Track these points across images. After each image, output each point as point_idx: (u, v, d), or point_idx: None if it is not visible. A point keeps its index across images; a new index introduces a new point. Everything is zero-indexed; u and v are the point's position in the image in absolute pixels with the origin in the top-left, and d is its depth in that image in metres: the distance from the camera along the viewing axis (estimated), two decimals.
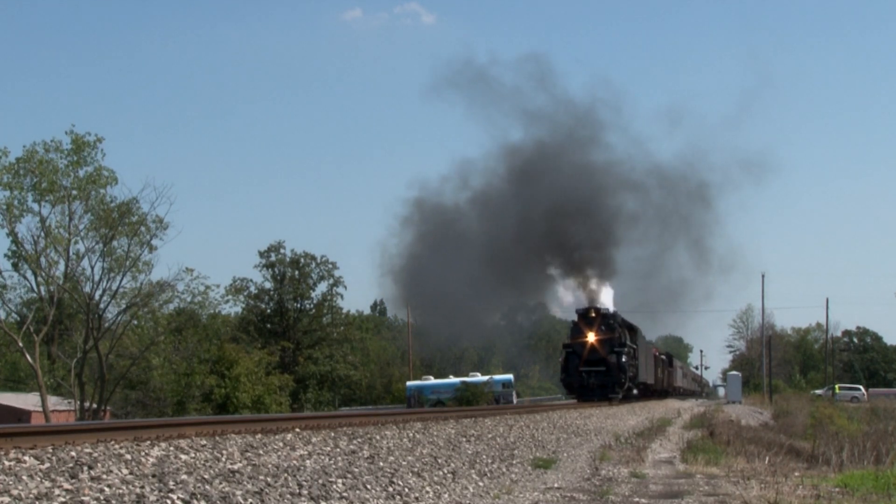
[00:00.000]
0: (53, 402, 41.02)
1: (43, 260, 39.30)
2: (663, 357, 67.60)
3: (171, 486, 7.66)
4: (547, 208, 47.41)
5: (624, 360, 41.13)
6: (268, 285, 67.59)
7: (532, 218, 48.24)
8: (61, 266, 40.26)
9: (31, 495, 6.76)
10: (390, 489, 9.97)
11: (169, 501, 7.29)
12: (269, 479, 8.72)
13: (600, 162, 51.78)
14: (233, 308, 59.89)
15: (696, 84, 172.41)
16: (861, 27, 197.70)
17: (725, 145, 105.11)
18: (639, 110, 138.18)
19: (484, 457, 14.01)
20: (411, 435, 14.09)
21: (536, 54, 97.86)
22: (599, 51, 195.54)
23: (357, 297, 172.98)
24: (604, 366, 40.63)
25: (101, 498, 6.98)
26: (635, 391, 46.03)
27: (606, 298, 45.90)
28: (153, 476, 7.91)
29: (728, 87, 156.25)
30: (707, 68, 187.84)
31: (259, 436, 11.31)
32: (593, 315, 41.61)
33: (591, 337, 40.94)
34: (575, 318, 42.64)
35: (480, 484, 12.02)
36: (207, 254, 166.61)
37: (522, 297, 60.00)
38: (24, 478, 7.15)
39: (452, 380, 60.23)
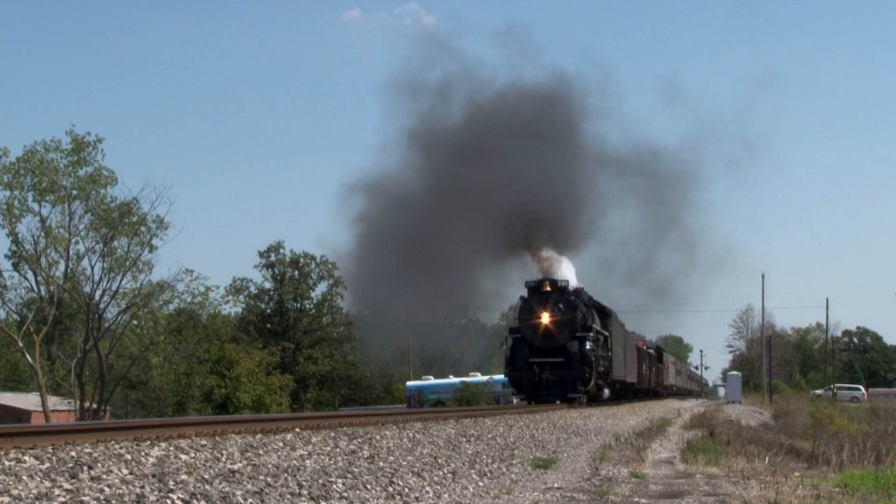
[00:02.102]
0: (53, 402, 41.05)
1: (43, 260, 39.36)
2: (651, 351, 59.85)
3: (171, 486, 7.66)
4: (493, 169, 37.21)
5: (589, 347, 31.93)
6: (268, 285, 67.65)
7: (476, 184, 37.53)
8: (61, 266, 40.36)
9: (31, 495, 6.76)
10: (390, 489, 9.97)
11: (169, 501, 7.29)
12: (269, 479, 8.72)
13: (571, 125, 41.68)
14: (233, 308, 59.92)
15: (695, 72, 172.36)
16: (865, 27, 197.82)
17: (722, 129, 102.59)
18: (627, 88, 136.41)
19: (484, 457, 14.02)
20: (411, 435, 14.09)
21: (513, 24, 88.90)
22: (595, 42, 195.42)
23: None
24: (562, 356, 31.57)
25: (101, 498, 6.98)
26: (607, 390, 36.81)
27: (567, 272, 36.09)
28: (153, 476, 7.91)
29: (729, 76, 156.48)
30: (708, 57, 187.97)
31: (259, 436, 11.31)
32: (548, 289, 32.18)
33: (545, 317, 31.69)
34: (525, 293, 32.98)
35: (480, 484, 12.02)
36: (207, 254, 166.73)
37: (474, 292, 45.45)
38: (24, 478, 7.15)
39: (452, 380, 60.22)
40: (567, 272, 35.57)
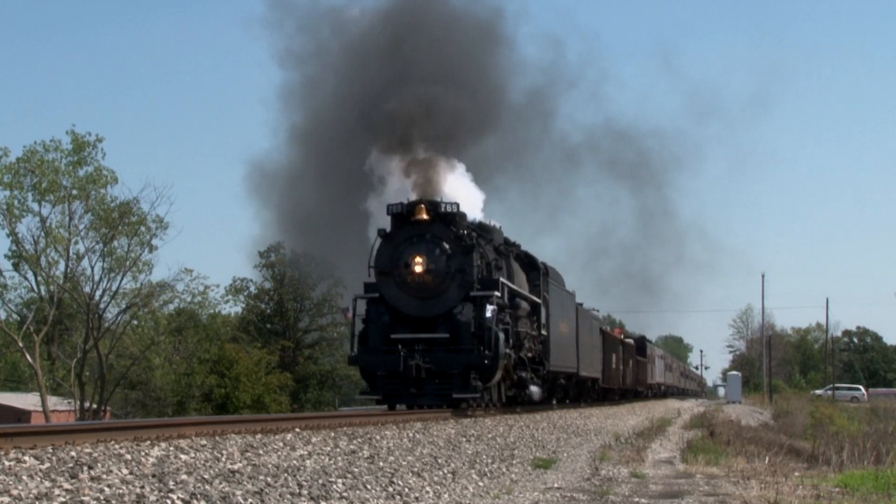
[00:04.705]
0: (53, 402, 41.05)
1: (43, 260, 39.39)
2: (629, 341, 50.19)
3: (171, 486, 7.66)
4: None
5: (491, 315, 19.67)
6: (267, 285, 67.66)
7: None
8: (61, 266, 40.37)
9: (31, 495, 6.76)
10: (390, 489, 9.97)
11: (169, 501, 7.29)
12: (269, 479, 8.72)
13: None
14: (233, 308, 59.91)
15: (695, 62, 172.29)
16: (869, 26, 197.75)
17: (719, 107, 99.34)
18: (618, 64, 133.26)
19: (484, 457, 14.02)
20: (411, 435, 14.09)
21: None
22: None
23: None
24: (446, 328, 19.84)
25: (101, 498, 6.98)
26: (536, 388, 23.94)
27: (460, 191, 22.44)
28: (153, 476, 7.92)
29: (728, 66, 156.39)
30: (709, 48, 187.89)
31: (259, 436, 11.31)
32: (423, 217, 20.04)
33: (418, 265, 19.81)
34: (387, 226, 20.50)
35: (480, 484, 12.02)
36: (207, 254, 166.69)
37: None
38: (24, 478, 7.16)
39: None
40: (460, 191, 22.42)
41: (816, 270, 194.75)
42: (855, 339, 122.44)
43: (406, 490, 10.16)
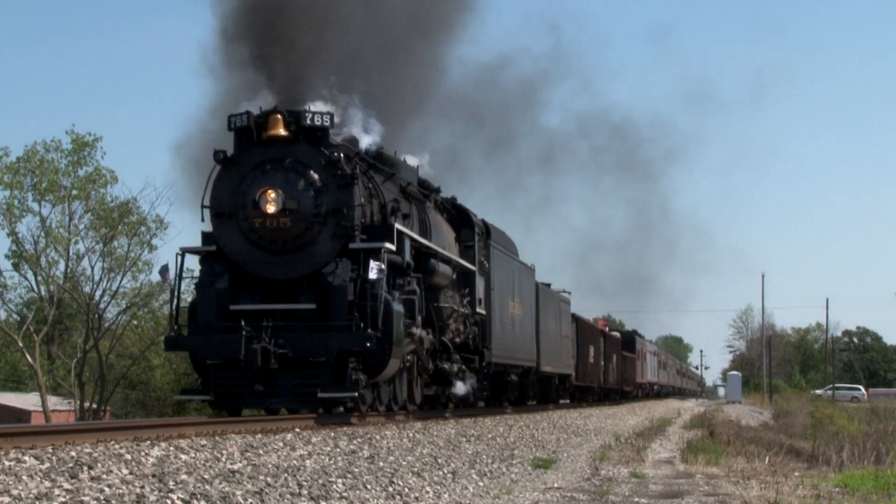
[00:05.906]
0: (53, 402, 41.08)
1: (43, 260, 39.39)
2: (613, 333, 45.04)
3: (171, 486, 7.66)
4: None
5: (375, 276, 13.67)
6: None
7: None
8: (61, 266, 40.37)
9: (31, 495, 6.76)
10: (390, 489, 9.97)
11: (169, 501, 7.29)
12: (269, 479, 8.73)
13: None
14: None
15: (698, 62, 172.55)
16: (870, 26, 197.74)
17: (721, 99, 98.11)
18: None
19: (484, 457, 14.02)
20: (411, 435, 14.10)
21: None
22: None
23: None
24: (313, 296, 14.09)
25: (101, 498, 6.98)
26: (463, 386, 18.54)
27: (342, 107, 16.05)
28: (153, 476, 7.92)
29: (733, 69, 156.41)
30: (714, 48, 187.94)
31: (259, 436, 11.32)
32: (281, 133, 14.10)
33: (272, 203, 13.83)
34: (227, 147, 14.59)
35: (480, 484, 12.02)
36: None
37: None
38: (24, 478, 7.16)
39: None
40: (342, 107, 16.16)
41: (816, 270, 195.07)
42: (855, 339, 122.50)
43: (406, 490, 10.16)
